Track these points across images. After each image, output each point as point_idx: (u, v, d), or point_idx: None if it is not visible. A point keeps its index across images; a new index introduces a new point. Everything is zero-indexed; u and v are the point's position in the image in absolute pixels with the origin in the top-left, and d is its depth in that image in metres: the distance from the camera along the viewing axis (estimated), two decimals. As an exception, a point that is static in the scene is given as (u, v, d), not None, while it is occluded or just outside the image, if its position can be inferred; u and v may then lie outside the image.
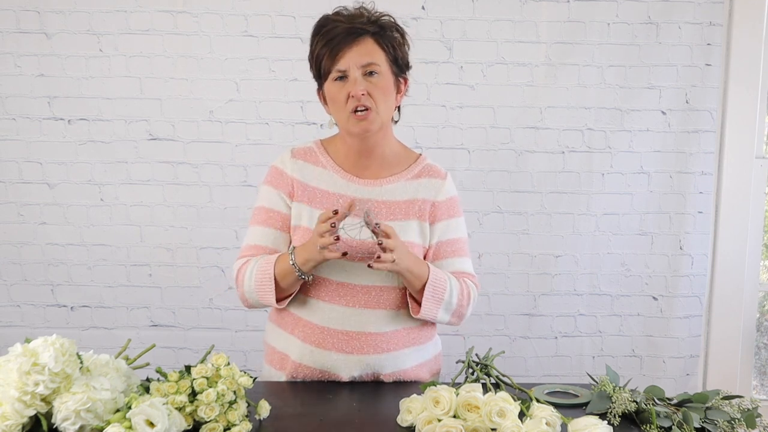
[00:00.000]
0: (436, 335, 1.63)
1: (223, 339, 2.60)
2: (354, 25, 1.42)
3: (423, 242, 1.53)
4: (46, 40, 2.48)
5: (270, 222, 1.53)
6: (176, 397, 1.13)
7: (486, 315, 2.63)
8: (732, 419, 1.24)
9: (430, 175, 1.56)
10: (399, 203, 1.52)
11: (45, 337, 1.10)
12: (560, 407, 1.27)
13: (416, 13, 2.50)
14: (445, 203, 1.56)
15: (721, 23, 2.53)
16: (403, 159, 1.57)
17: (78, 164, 2.53)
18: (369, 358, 1.48)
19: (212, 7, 2.48)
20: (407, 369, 1.53)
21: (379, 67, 1.43)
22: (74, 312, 2.60)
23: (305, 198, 1.51)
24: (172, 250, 2.58)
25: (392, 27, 1.48)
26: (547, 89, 2.55)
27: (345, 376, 1.48)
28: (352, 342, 1.47)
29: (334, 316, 1.48)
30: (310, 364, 1.50)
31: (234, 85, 2.52)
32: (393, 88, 1.47)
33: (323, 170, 1.53)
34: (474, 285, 1.55)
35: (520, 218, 2.60)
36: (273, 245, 1.51)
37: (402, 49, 1.49)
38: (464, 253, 1.58)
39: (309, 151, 1.56)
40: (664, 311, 2.63)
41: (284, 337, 1.55)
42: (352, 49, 1.41)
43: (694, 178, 2.58)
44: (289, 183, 1.53)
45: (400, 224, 1.49)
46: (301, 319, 1.51)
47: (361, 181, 1.52)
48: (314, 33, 1.47)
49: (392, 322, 1.50)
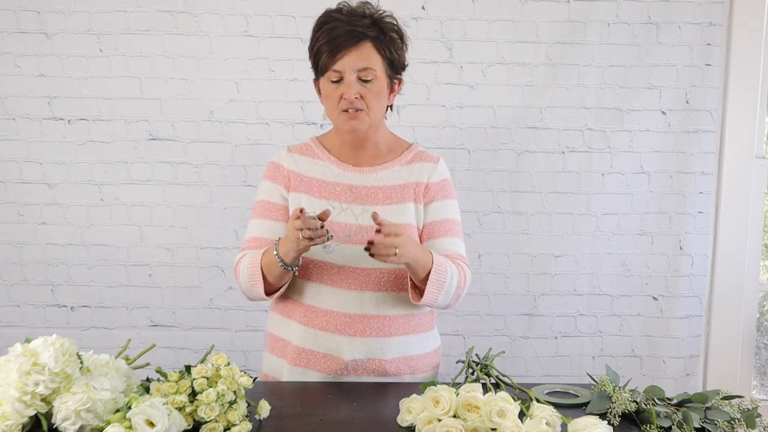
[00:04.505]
0: (435, 328, 1.67)
1: (223, 339, 2.60)
2: (355, 28, 1.44)
3: (417, 223, 1.58)
4: (46, 40, 2.48)
5: (268, 214, 1.58)
6: (176, 397, 1.13)
7: (486, 315, 2.63)
8: (732, 419, 1.24)
9: (423, 160, 1.61)
10: (394, 188, 1.56)
11: (45, 337, 1.11)
12: (560, 407, 1.27)
13: (416, 13, 2.50)
14: (438, 185, 1.60)
15: (721, 23, 2.53)
16: (396, 147, 1.62)
17: (78, 164, 2.53)
18: (372, 341, 1.52)
19: (212, 7, 2.48)
20: (410, 356, 1.56)
21: (375, 72, 1.46)
22: (74, 312, 2.60)
23: (302, 188, 1.56)
24: (172, 250, 2.58)
25: (392, 30, 1.50)
26: (547, 89, 2.55)
27: (347, 357, 1.51)
28: (355, 325, 1.51)
29: (336, 299, 1.51)
30: (313, 348, 1.52)
31: (234, 85, 2.52)
32: (386, 90, 1.51)
33: (319, 161, 1.59)
34: (467, 267, 1.57)
35: (520, 218, 2.60)
36: (272, 236, 1.55)
37: (400, 52, 1.52)
38: (457, 234, 1.61)
39: (305, 146, 1.63)
40: (664, 311, 2.63)
41: (286, 323, 1.58)
42: (351, 53, 1.44)
43: (694, 178, 2.58)
44: (285, 176, 1.58)
45: (397, 208, 1.54)
46: (303, 304, 1.54)
47: (356, 169, 1.58)
48: (316, 28, 1.49)
49: (394, 305, 1.53)
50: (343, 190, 1.55)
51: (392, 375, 1.55)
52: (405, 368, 1.56)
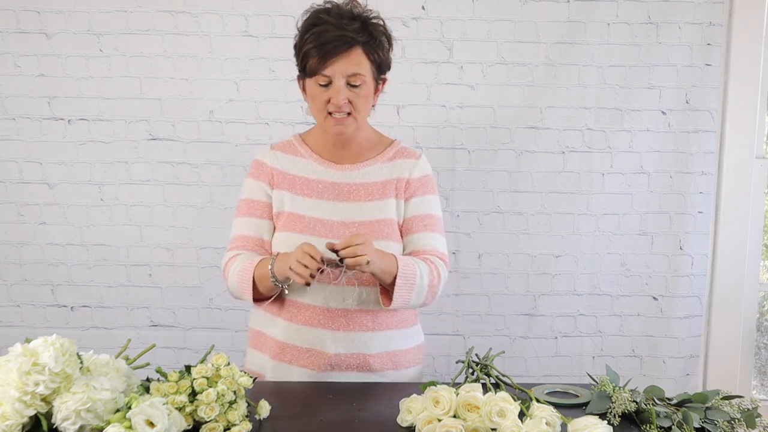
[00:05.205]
0: (418, 323, 1.68)
1: (223, 339, 2.60)
2: (345, 33, 1.42)
3: (398, 218, 1.59)
4: (46, 40, 2.47)
5: (252, 212, 1.60)
6: (176, 397, 1.13)
7: (486, 315, 2.63)
8: (732, 419, 1.24)
9: (404, 156, 1.63)
10: (376, 184, 1.57)
11: (45, 337, 1.11)
12: (560, 407, 1.27)
13: (416, 13, 2.50)
14: (419, 180, 1.61)
15: (721, 23, 2.53)
16: (378, 144, 1.63)
17: (78, 164, 2.53)
18: (355, 335, 1.53)
19: (212, 7, 2.47)
20: (393, 351, 1.58)
21: (364, 77, 1.47)
22: (74, 312, 2.60)
23: (285, 185, 1.58)
24: (172, 250, 2.58)
25: (381, 33, 1.50)
26: (547, 89, 2.55)
27: (331, 351, 1.52)
28: (338, 319, 1.52)
29: (319, 294, 1.52)
30: (297, 343, 1.54)
31: (234, 85, 2.52)
32: (373, 92, 1.52)
33: (302, 159, 1.61)
34: (443, 263, 1.57)
35: (520, 218, 2.60)
36: (256, 234, 1.58)
37: (387, 54, 1.53)
38: (437, 229, 1.61)
39: (288, 144, 1.65)
40: (664, 311, 2.63)
41: (269, 318, 1.59)
42: (341, 59, 1.44)
43: (694, 178, 2.58)
44: (269, 173, 1.60)
45: (379, 204, 1.56)
46: (286, 299, 1.55)
47: (338, 166, 1.59)
48: (304, 29, 1.48)
49: (375, 300, 1.54)
50: (326, 188, 1.56)
51: (376, 371, 1.55)
52: (389, 363, 1.57)
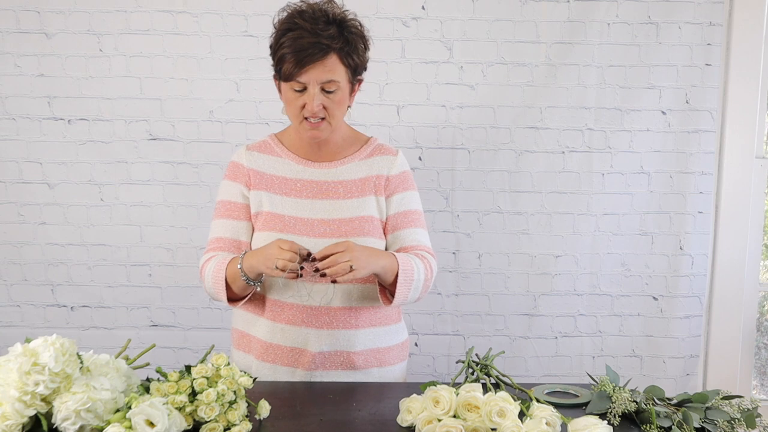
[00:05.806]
0: (402, 320, 1.69)
1: (223, 339, 2.57)
2: (320, 40, 1.40)
3: (380, 216, 1.58)
4: (46, 40, 2.47)
5: (230, 214, 1.59)
6: (176, 397, 1.13)
7: (486, 315, 2.63)
8: (732, 419, 1.24)
9: (382, 153, 1.63)
10: (354, 182, 1.57)
11: (45, 337, 1.11)
12: (560, 407, 1.28)
13: (416, 13, 2.50)
14: (398, 177, 1.61)
15: (721, 23, 2.53)
16: (355, 142, 1.63)
17: (78, 164, 2.53)
18: (339, 333, 1.53)
19: (212, 7, 2.48)
20: (377, 348, 1.58)
21: (339, 83, 1.46)
22: (74, 312, 2.60)
23: (263, 186, 1.57)
24: (172, 250, 2.58)
25: (357, 37, 1.48)
26: (547, 89, 2.55)
27: (315, 350, 1.52)
28: (321, 317, 1.52)
29: (302, 293, 1.52)
30: (281, 342, 1.54)
31: (234, 85, 2.52)
32: (348, 95, 1.51)
33: (278, 158, 1.60)
34: (432, 258, 1.59)
35: (520, 218, 2.60)
36: (233, 236, 1.57)
37: (363, 57, 1.51)
38: (421, 224, 1.62)
39: (264, 144, 1.65)
40: (665, 311, 2.63)
41: (252, 318, 1.60)
42: (316, 67, 1.42)
43: (694, 178, 2.58)
44: (245, 174, 1.60)
45: (358, 201, 1.56)
46: (269, 299, 1.55)
47: (315, 164, 1.59)
48: (279, 33, 1.45)
49: (359, 297, 1.54)
50: (304, 186, 1.56)
51: (361, 368, 1.56)
52: (373, 361, 1.57)
